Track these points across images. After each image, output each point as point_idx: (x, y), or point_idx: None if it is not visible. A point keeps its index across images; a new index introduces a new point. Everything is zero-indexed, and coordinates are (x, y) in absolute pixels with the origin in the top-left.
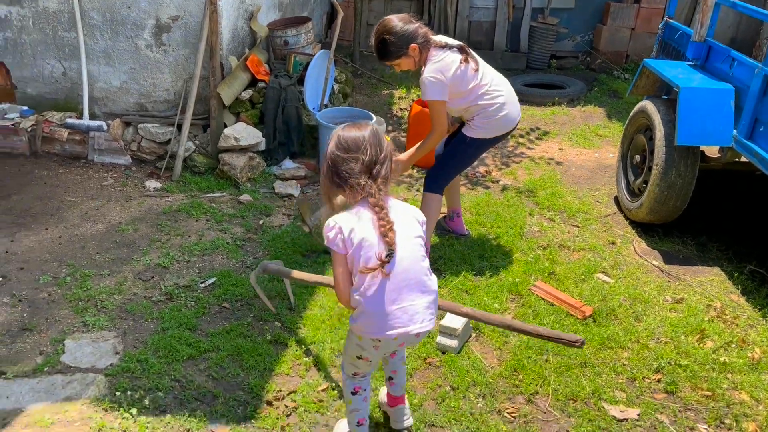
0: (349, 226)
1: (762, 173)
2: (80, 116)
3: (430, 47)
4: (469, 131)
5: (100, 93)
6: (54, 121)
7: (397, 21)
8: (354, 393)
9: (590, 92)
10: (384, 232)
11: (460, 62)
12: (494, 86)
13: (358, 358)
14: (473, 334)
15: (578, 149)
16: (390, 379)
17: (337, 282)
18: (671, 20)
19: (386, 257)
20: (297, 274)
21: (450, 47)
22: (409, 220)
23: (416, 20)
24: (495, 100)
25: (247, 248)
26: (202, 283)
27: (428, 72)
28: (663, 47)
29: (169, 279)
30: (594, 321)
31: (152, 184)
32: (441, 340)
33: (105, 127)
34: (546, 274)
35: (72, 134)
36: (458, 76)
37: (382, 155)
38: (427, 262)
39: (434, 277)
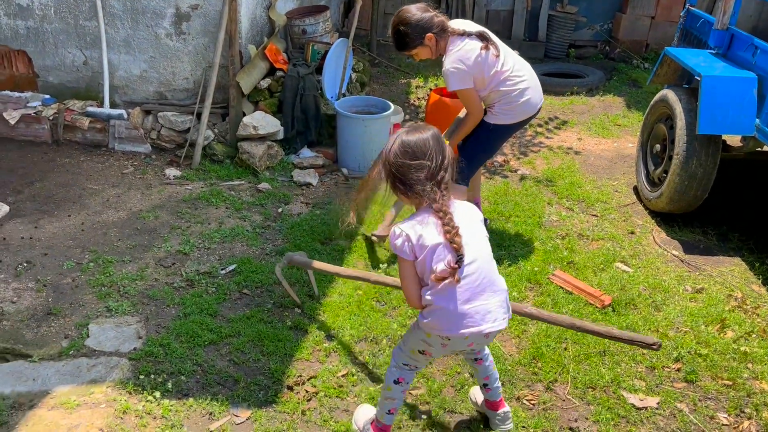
0: (417, 233)
1: None
2: (101, 105)
3: (448, 36)
4: (491, 118)
5: (121, 81)
6: (75, 110)
7: (413, 11)
8: (397, 382)
9: (609, 81)
10: (450, 238)
11: (480, 49)
12: (516, 71)
13: (421, 352)
14: None
15: (597, 139)
16: (485, 386)
17: (407, 288)
18: (693, 8)
19: (456, 263)
20: (323, 265)
21: (469, 34)
22: (474, 221)
23: (433, 9)
24: (517, 85)
25: (267, 236)
26: (222, 269)
27: (448, 62)
28: (684, 35)
29: (190, 266)
30: (613, 310)
31: (172, 172)
32: None
33: (125, 116)
34: (565, 263)
35: (93, 122)
36: (479, 63)
37: (446, 161)
38: (493, 260)
39: (501, 278)
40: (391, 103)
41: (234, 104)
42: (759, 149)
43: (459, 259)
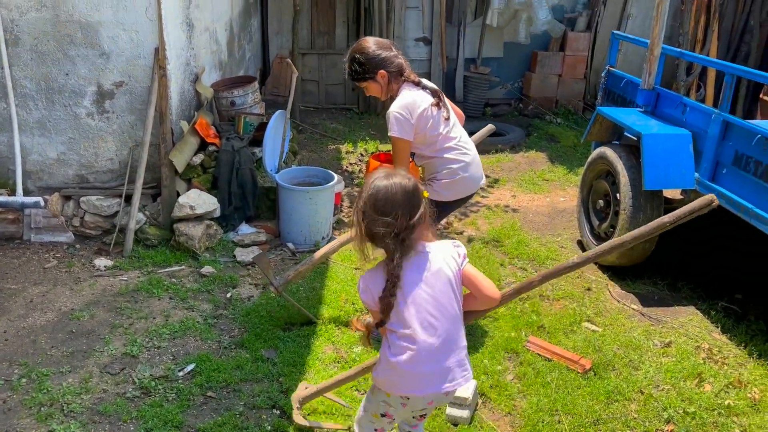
0: (379, 284)
1: (717, 211)
2: (12, 192)
3: (402, 81)
4: (433, 194)
5: (35, 166)
6: None
7: (372, 43)
8: None
9: (529, 138)
10: (383, 306)
11: (431, 105)
12: (463, 143)
13: (382, 416)
14: (480, 401)
15: (530, 195)
16: None
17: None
18: (613, 69)
19: (377, 325)
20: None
21: (424, 87)
22: (439, 271)
23: (396, 50)
24: (462, 157)
25: (221, 326)
26: (179, 371)
27: (395, 107)
28: (607, 94)
29: (142, 370)
30: (595, 374)
31: (102, 262)
32: (451, 411)
33: (42, 203)
34: (536, 328)
35: (3, 213)
36: (425, 117)
37: (416, 217)
38: (460, 314)
39: (463, 330)
40: (333, 173)
41: (167, 184)
42: None
43: (380, 323)
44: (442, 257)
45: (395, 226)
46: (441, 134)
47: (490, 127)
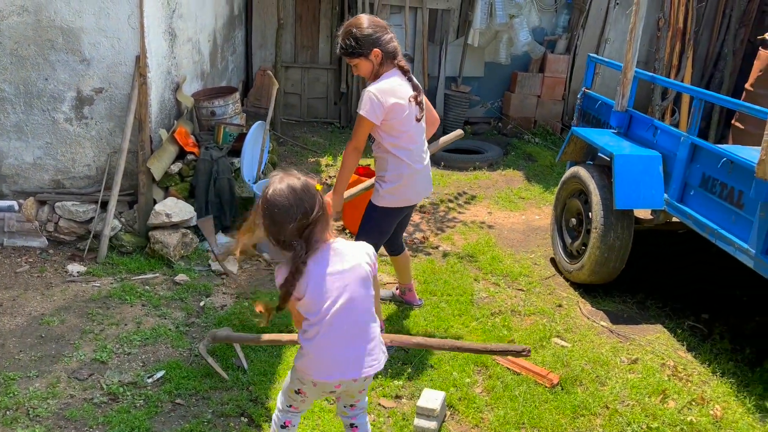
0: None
1: (684, 232)
2: None
3: (393, 65)
4: (378, 200)
5: (10, 170)
6: None
7: (369, 21)
8: (283, 427)
9: (507, 156)
10: (282, 294)
11: (409, 98)
12: (421, 151)
13: (296, 392)
14: (448, 413)
15: (506, 212)
16: (352, 426)
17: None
18: (589, 91)
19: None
20: (247, 337)
21: (410, 79)
22: (353, 266)
23: (390, 31)
24: (414, 164)
25: (193, 334)
26: (149, 378)
27: (374, 87)
28: (582, 115)
29: (111, 376)
30: (562, 389)
31: (75, 267)
32: (419, 422)
33: (16, 207)
34: (506, 342)
35: None
36: (400, 108)
37: (313, 214)
38: (372, 308)
39: (377, 321)
40: None
41: (144, 191)
42: (668, 221)
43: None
44: (359, 255)
45: (296, 226)
46: (406, 132)
47: (458, 132)
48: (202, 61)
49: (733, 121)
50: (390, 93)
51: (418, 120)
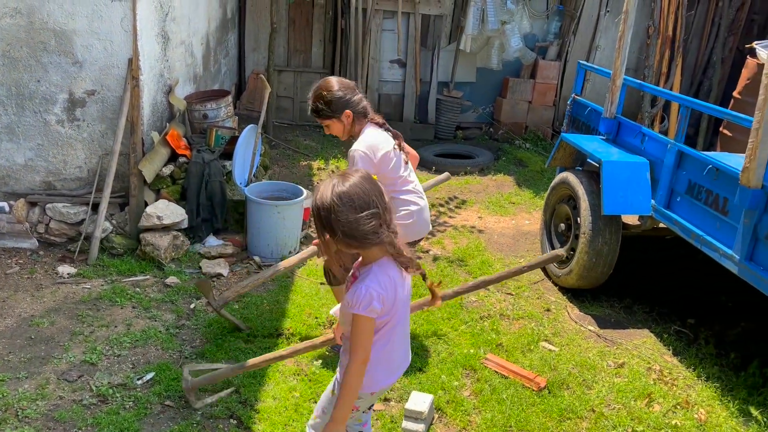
0: (384, 287)
1: (671, 238)
2: None
3: (366, 122)
4: None
5: (1, 171)
6: None
7: (338, 84)
8: None
9: (498, 161)
10: (413, 271)
11: (393, 147)
12: (419, 189)
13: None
14: (435, 416)
15: (496, 217)
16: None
17: (366, 344)
18: (579, 98)
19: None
20: (227, 370)
21: (387, 129)
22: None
23: (359, 92)
24: (418, 201)
25: (183, 336)
26: (138, 379)
27: (359, 145)
28: (572, 122)
29: (100, 377)
30: (549, 392)
31: (65, 269)
32: (407, 425)
33: (7, 209)
34: (494, 346)
35: None
36: (388, 159)
37: (386, 198)
38: None
39: None
40: (302, 188)
41: (135, 193)
42: (655, 227)
43: (424, 275)
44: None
45: (380, 214)
46: (401, 177)
47: (446, 175)
48: (195, 64)
49: (721, 129)
50: (376, 146)
51: (406, 162)
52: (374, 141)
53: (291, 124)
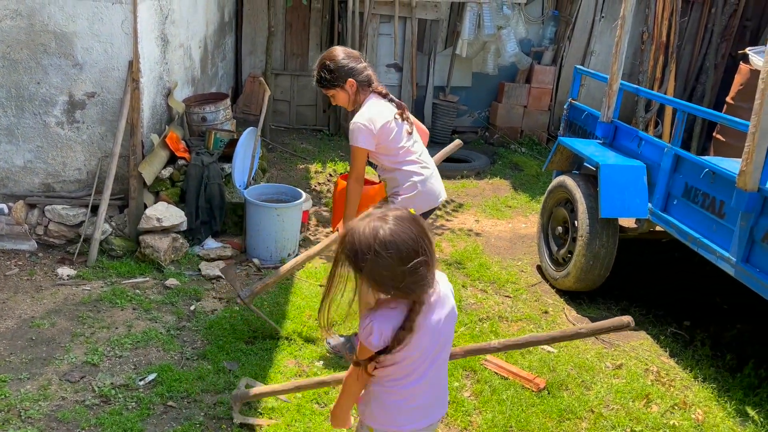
0: (394, 323)
1: (667, 240)
2: None
3: (370, 92)
4: None
5: (0, 173)
6: None
7: (342, 53)
8: None
9: (494, 165)
10: (402, 336)
11: (395, 116)
12: (424, 158)
13: None
14: None
15: (493, 220)
16: None
17: (356, 388)
18: (575, 102)
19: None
20: (266, 389)
21: (390, 99)
22: (451, 308)
23: (364, 61)
24: (422, 171)
25: (184, 337)
26: (140, 380)
27: (359, 117)
28: (569, 126)
29: (102, 378)
30: (549, 393)
31: (65, 271)
32: None
33: (6, 210)
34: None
35: None
36: (389, 129)
37: (433, 244)
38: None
39: None
40: (301, 191)
41: (135, 195)
42: (651, 230)
43: (384, 350)
44: (449, 289)
45: (428, 261)
46: (403, 147)
47: (457, 143)
48: (193, 67)
49: (714, 134)
50: (375, 117)
51: (410, 133)
52: (374, 112)
53: (288, 127)
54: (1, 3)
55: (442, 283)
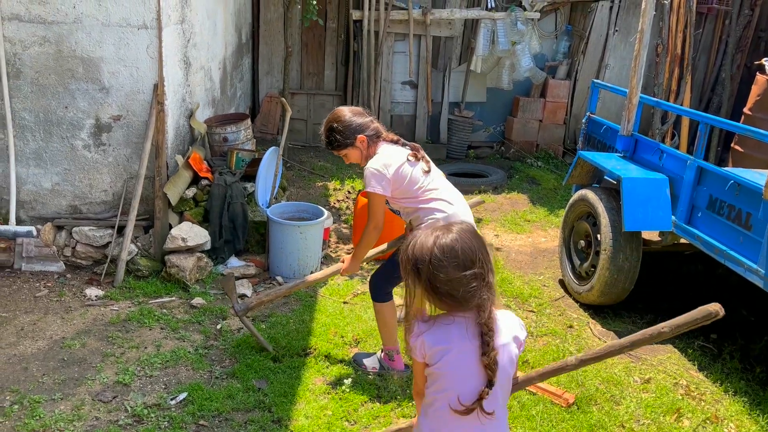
0: (440, 342)
1: (690, 253)
2: (5, 221)
3: (380, 142)
4: None
5: (28, 196)
6: None
7: (347, 111)
8: None
9: (510, 180)
10: (488, 364)
11: (408, 158)
12: (445, 195)
13: None
14: None
15: (512, 234)
16: None
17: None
18: (594, 116)
19: (484, 391)
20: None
21: (403, 144)
22: (506, 343)
23: (368, 115)
24: (446, 207)
25: (212, 356)
26: (172, 399)
27: (372, 163)
28: (587, 139)
29: (134, 398)
30: (578, 408)
31: (93, 291)
32: None
33: (35, 233)
34: (520, 363)
35: None
36: (403, 173)
37: (491, 257)
38: (507, 397)
39: (506, 414)
40: (322, 208)
41: (160, 216)
42: (675, 242)
43: (489, 384)
44: (513, 328)
45: (484, 275)
46: (421, 187)
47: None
48: (214, 88)
49: (732, 145)
50: (389, 162)
51: (427, 171)
52: (386, 157)
53: (305, 145)
54: (30, 30)
55: (504, 320)
